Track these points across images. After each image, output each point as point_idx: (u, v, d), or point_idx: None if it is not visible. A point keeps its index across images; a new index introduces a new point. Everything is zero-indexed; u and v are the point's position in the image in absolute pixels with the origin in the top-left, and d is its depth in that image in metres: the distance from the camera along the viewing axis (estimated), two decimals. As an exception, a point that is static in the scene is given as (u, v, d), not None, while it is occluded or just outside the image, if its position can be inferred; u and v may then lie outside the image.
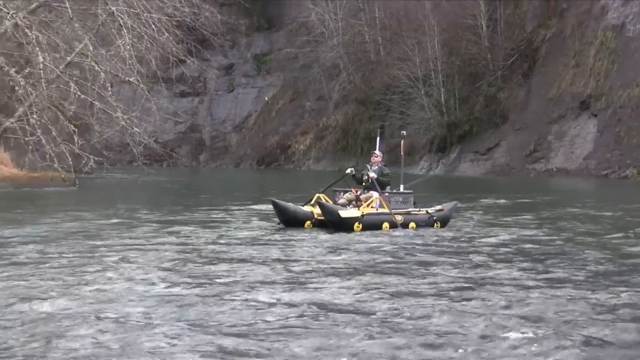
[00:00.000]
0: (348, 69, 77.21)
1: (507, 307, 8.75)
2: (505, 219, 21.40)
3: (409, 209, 17.86)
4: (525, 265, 12.28)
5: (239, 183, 46.20)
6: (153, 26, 37.97)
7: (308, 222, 17.32)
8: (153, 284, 10.37)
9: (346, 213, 16.82)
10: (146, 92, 38.28)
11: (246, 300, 9.16)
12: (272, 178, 17.81)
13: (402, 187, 18.56)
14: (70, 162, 33.16)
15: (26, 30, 30.29)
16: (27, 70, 33.37)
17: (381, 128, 68.88)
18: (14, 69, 31.93)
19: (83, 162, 34.47)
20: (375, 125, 68.55)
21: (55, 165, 32.74)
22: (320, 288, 9.75)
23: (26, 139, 32.81)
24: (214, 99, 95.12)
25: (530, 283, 10.57)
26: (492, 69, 64.35)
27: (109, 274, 11.10)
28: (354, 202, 17.59)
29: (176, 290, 9.82)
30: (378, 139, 19.84)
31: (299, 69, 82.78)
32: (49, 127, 32.63)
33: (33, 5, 34.70)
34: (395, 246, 14.46)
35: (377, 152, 18.60)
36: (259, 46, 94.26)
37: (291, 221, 17.33)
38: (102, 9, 33.68)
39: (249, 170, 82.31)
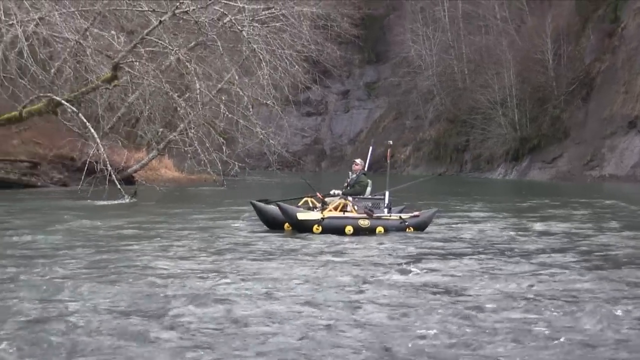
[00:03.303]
0: (440, 94, 76.42)
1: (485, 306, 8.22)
2: (482, 217, 20.41)
3: (380, 214, 15.46)
4: (477, 262, 11.15)
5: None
6: (286, 60, 38.30)
7: (287, 224, 15.26)
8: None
9: (304, 216, 15.03)
10: (280, 112, 38.66)
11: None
12: (378, 180, 18.01)
13: (387, 192, 16.01)
14: (220, 167, 33.54)
15: (186, 63, 30.66)
16: (186, 95, 33.85)
17: (466, 142, 68.68)
18: (176, 94, 32.40)
19: (230, 167, 34.85)
20: (462, 139, 68.22)
21: (208, 170, 33.16)
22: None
23: (185, 148, 33.24)
24: (333, 118, 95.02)
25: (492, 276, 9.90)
26: (556, 94, 62.97)
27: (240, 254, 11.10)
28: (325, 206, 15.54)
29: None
30: (370, 148, 17.52)
31: (400, 94, 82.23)
32: (203, 140, 33.04)
33: (192, 44, 35.23)
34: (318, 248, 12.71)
35: (357, 160, 16.77)
36: (369, 76, 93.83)
37: (270, 223, 15.51)
38: (246, 46, 33.98)
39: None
